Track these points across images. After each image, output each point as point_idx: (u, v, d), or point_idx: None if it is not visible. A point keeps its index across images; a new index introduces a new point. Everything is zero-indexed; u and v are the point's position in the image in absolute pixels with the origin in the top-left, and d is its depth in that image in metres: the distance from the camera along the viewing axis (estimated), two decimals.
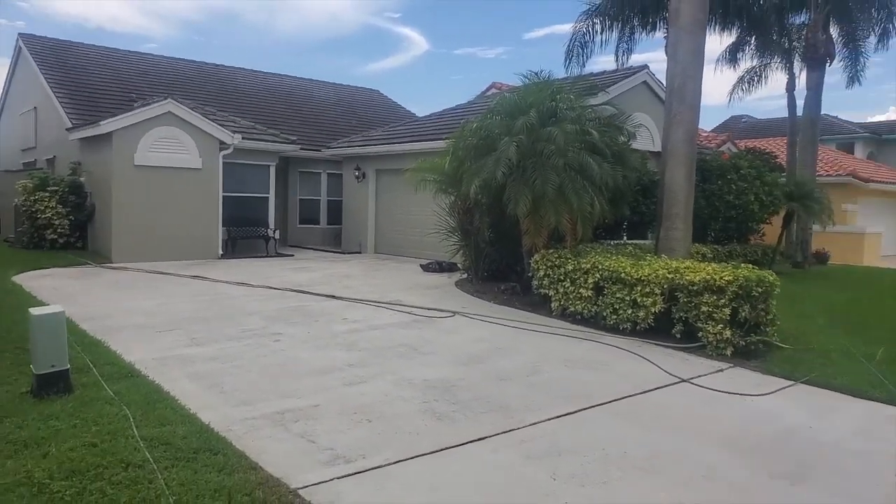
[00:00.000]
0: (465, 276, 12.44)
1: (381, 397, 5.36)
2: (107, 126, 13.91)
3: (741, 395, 5.78)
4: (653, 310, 7.62)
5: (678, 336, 7.53)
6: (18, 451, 3.87)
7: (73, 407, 4.60)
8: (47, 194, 14.99)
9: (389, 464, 4.09)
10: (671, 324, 7.61)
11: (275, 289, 10.91)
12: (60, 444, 3.96)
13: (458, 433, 4.63)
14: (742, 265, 7.72)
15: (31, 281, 10.74)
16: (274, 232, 17.15)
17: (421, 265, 14.29)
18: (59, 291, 9.90)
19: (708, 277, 7.18)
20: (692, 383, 6.12)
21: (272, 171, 17.34)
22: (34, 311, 4.98)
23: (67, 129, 16.07)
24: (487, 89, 24.25)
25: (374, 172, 18.11)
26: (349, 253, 18.01)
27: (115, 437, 4.10)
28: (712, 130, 26.49)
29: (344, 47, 77.63)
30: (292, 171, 19.94)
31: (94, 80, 19.18)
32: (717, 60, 20.38)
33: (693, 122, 9.79)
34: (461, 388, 5.65)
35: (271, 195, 17.35)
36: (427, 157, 13.12)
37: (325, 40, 76.12)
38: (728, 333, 6.98)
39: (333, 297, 10.20)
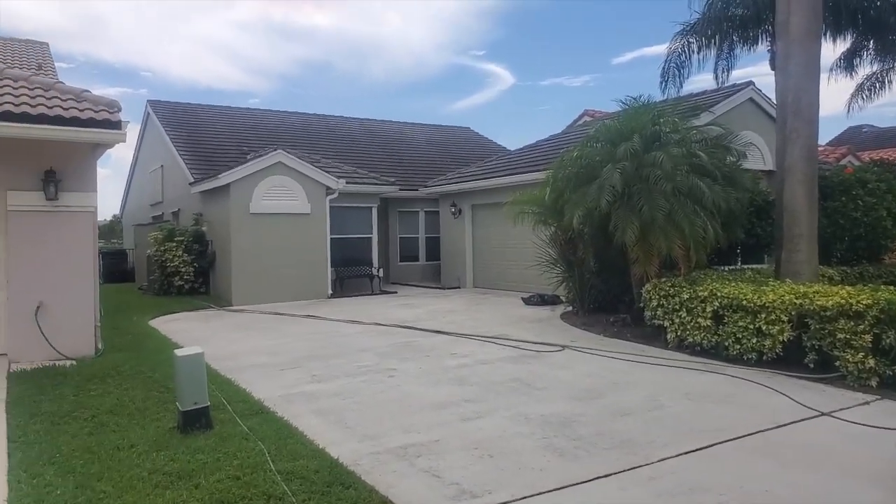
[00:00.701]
0: (569, 308, 12.24)
1: (500, 432, 5.33)
2: (224, 178, 14.98)
3: (893, 429, 5.29)
4: (780, 338, 7.16)
5: (811, 366, 7.02)
6: (174, 483, 4.16)
7: (215, 442, 4.90)
8: (174, 244, 16.25)
9: (516, 500, 4.05)
10: (802, 353, 7.12)
11: (383, 325, 11.20)
12: (208, 477, 4.22)
13: (581, 469, 4.52)
14: (881, 287, 7.14)
15: (165, 325, 11.61)
16: (378, 270, 17.68)
17: (522, 298, 14.20)
18: (188, 334, 10.63)
19: (842, 301, 6.67)
20: (834, 417, 5.66)
21: (374, 212, 17.98)
22: (178, 352, 5.37)
23: (190, 183, 17.42)
24: (580, 118, 24.06)
25: (469, 208, 18.34)
26: (449, 288, 18.21)
27: (255, 471, 4.32)
28: (829, 143, 24.84)
29: (431, 88, 79.99)
30: (392, 211, 20.54)
31: (211, 137, 20.78)
32: (831, 69, 19.17)
33: (812, 138, 9.26)
34: (580, 423, 5.53)
35: (374, 235, 17.95)
36: (523, 190, 13.14)
37: (412, 83, 78.88)
38: (871, 362, 6.42)
39: (440, 332, 10.33)
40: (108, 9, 64.20)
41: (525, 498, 4.08)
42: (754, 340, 7.41)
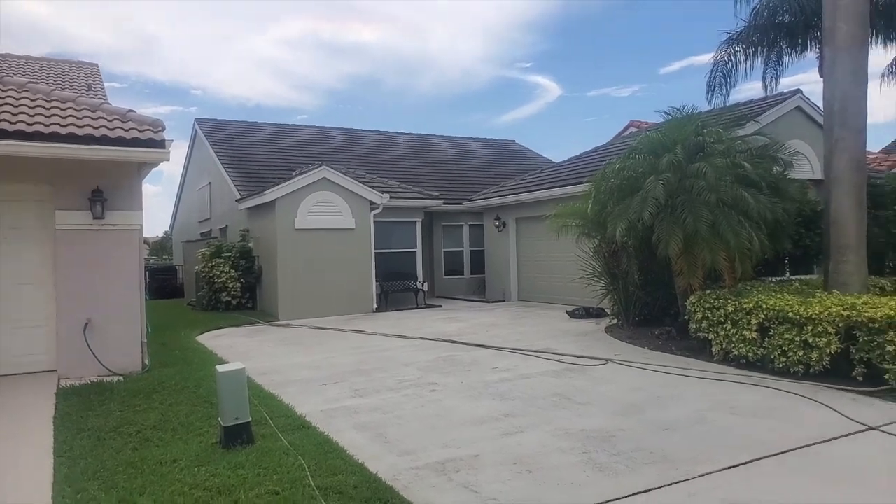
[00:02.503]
0: (614, 321, 12.07)
1: (540, 447, 5.30)
2: (270, 195, 15.35)
3: None
4: (827, 351, 6.94)
5: (860, 379, 6.79)
6: (214, 498, 4.26)
7: (256, 457, 5.00)
8: (221, 260, 16.70)
9: None
10: (851, 365, 6.88)
11: (427, 339, 11.25)
12: (248, 492, 4.32)
13: (621, 485, 4.46)
14: None
15: (211, 340, 11.93)
16: (422, 284, 17.79)
17: (567, 311, 14.08)
18: (234, 349, 10.89)
19: (891, 313, 6.47)
20: (883, 431, 5.45)
21: (418, 226, 18.14)
22: (220, 368, 5.51)
23: (237, 200, 17.91)
24: (625, 129, 23.81)
25: (513, 221, 18.31)
26: (493, 301, 18.18)
27: (294, 486, 4.39)
28: (881, 151, 23.92)
29: (477, 101, 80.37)
30: (436, 225, 20.67)
31: (257, 154, 21.33)
32: (883, 75, 18.52)
33: (859, 147, 8.97)
34: (621, 438, 5.45)
35: (418, 249, 18.11)
36: (567, 202, 13.07)
37: (459, 96, 79.42)
38: None
39: (483, 346, 10.32)
40: (159, 29, 66.85)
41: None
42: (801, 353, 7.19)
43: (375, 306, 16.37)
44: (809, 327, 7.10)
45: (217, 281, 16.60)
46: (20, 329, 8.41)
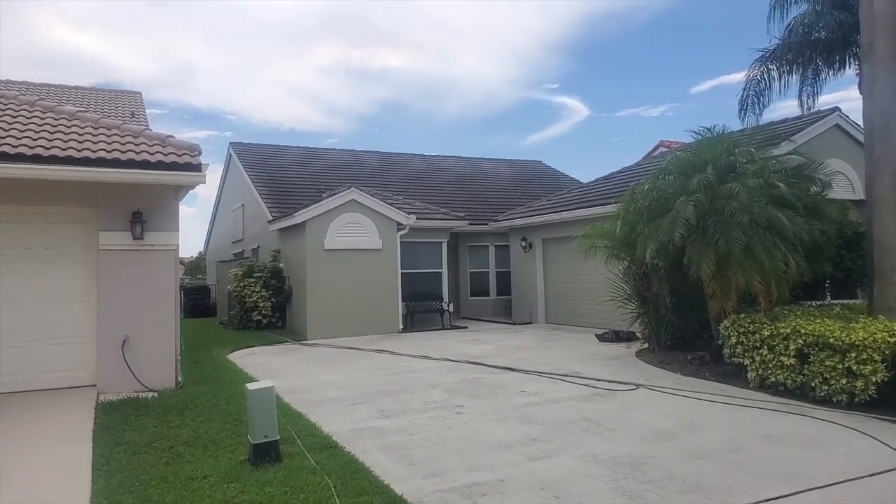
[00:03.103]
0: (645, 345, 11.86)
1: (567, 473, 5.19)
2: (300, 216, 15.55)
3: None
4: (873, 379, 6.67)
5: None
6: None
7: (283, 475, 5.00)
8: (253, 280, 16.91)
9: None
10: None
11: (453, 361, 11.19)
12: None
13: None
14: None
15: (242, 358, 12.04)
16: (448, 305, 17.75)
17: (596, 335, 13.88)
18: (264, 367, 10.96)
19: None
20: None
21: (444, 247, 18.15)
22: (250, 386, 5.55)
23: (268, 221, 18.18)
24: (655, 149, 23.67)
25: (540, 242, 18.21)
26: (520, 323, 18.03)
27: None
28: None
29: (504, 123, 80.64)
30: (462, 246, 20.67)
31: (289, 176, 21.67)
32: None
33: None
34: (652, 466, 5.31)
35: (444, 270, 18.09)
36: (595, 223, 12.89)
37: (485, 119, 79.73)
38: None
39: (510, 369, 10.22)
40: (197, 57, 68.80)
41: None
42: (844, 381, 6.93)
43: (401, 327, 16.37)
44: (853, 354, 6.85)
45: (248, 300, 16.80)
46: (64, 345, 8.69)
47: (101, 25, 60.47)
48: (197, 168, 8.58)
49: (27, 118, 8.87)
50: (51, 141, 8.19)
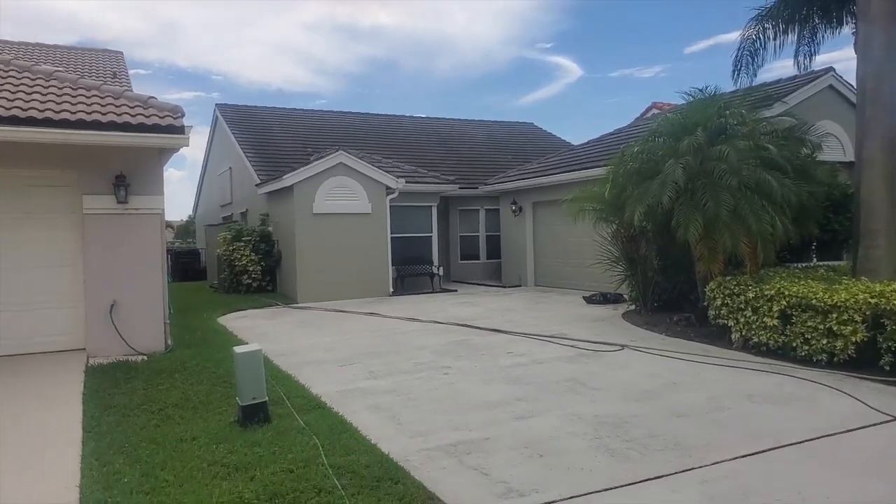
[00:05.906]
0: (632, 307, 11.97)
1: (551, 432, 5.28)
2: (288, 180, 15.43)
3: None
4: (853, 339, 6.78)
5: (886, 368, 6.63)
6: (230, 474, 4.33)
7: (272, 436, 5.07)
8: (242, 244, 16.85)
9: (563, 499, 4.01)
10: (878, 354, 6.73)
11: (441, 323, 11.27)
12: (263, 469, 4.37)
13: (632, 471, 4.43)
14: None
15: (232, 322, 12.08)
16: (438, 269, 17.80)
17: (584, 297, 13.99)
18: (254, 330, 11.01)
19: None
20: None
21: (434, 210, 18.09)
22: (238, 349, 5.59)
23: (256, 185, 18.03)
24: (647, 110, 23.51)
25: (530, 205, 18.18)
26: (510, 286, 18.14)
27: (308, 465, 4.44)
28: None
29: (497, 83, 79.73)
30: (452, 210, 20.61)
31: (276, 139, 21.41)
32: None
33: (892, 127, 8.69)
34: (634, 424, 5.42)
35: (434, 234, 18.08)
36: (585, 186, 12.87)
37: (478, 78, 78.90)
38: None
39: (497, 330, 10.31)
40: (181, 15, 67.24)
41: (572, 498, 4.03)
42: (824, 341, 7.05)
43: (391, 290, 16.43)
44: (834, 315, 6.94)
45: (238, 264, 16.77)
46: (53, 310, 8.70)
47: None
48: (180, 130, 8.43)
49: (2, 78, 8.65)
50: (27, 102, 7.99)
